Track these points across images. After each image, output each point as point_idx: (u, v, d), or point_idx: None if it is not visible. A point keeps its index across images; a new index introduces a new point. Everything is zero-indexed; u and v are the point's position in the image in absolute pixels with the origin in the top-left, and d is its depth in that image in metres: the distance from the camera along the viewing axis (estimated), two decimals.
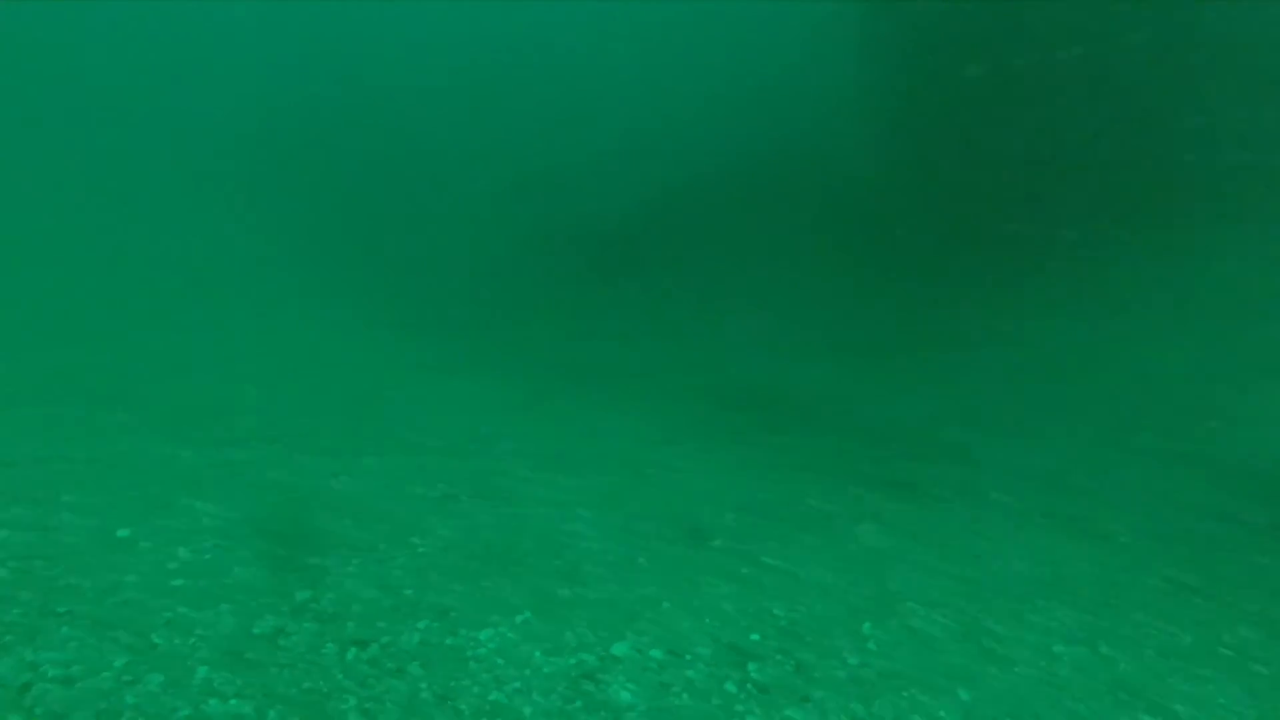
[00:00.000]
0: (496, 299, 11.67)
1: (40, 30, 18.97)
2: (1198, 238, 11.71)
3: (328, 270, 15.16)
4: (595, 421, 7.26)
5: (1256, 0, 11.42)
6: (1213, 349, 9.66)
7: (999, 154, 12.69)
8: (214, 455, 5.97)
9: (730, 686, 3.53)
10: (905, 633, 4.16)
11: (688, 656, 3.72)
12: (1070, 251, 11.87)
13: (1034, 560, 5.15)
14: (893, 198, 12.52)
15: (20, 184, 15.11)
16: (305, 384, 8.85)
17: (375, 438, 6.89)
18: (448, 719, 3.10)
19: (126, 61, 19.18)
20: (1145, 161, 12.28)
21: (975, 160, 12.80)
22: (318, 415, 7.60)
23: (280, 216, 17.16)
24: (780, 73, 16.24)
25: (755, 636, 3.98)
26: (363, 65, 20.76)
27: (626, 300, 10.73)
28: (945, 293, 10.44)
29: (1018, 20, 12.70)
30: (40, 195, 15.20)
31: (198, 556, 4.23)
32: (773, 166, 14.25)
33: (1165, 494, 6.63)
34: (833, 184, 13.56)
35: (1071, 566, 5.13)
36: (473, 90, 20.76)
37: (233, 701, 3.04)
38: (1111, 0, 12.10)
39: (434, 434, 7.08)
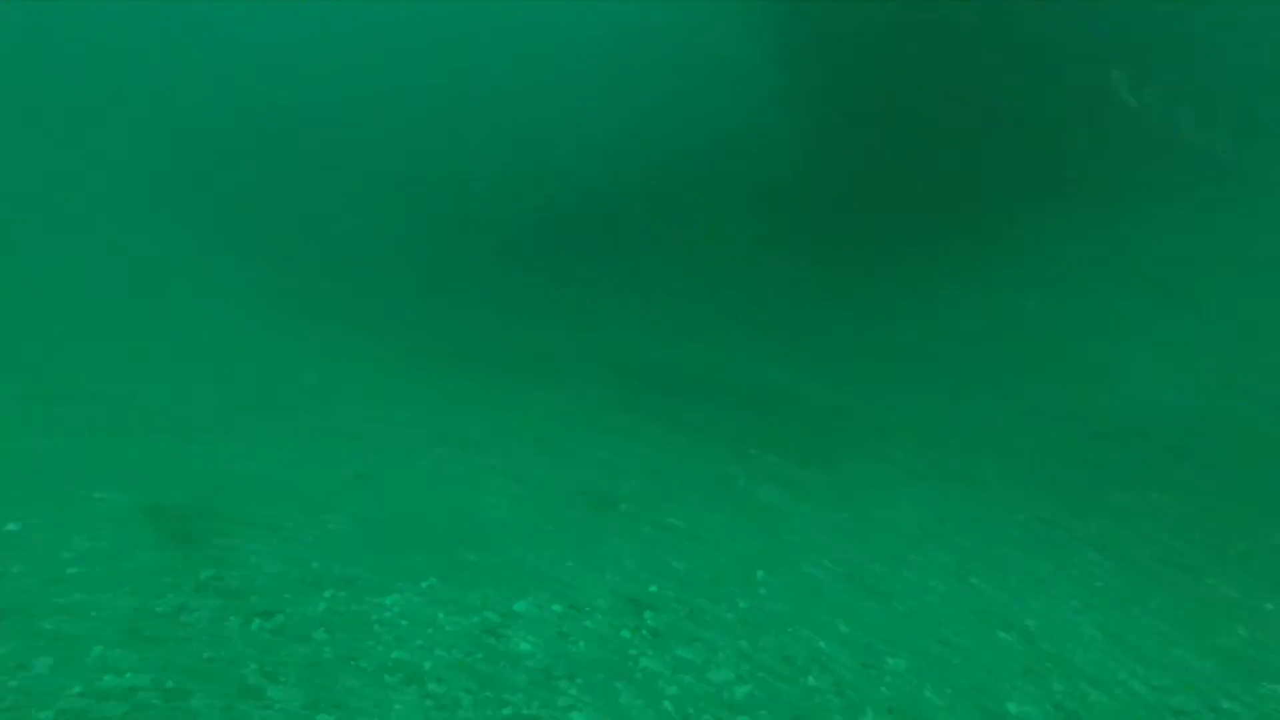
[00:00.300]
0: (410, 289, 11.63)
1: None
2: (1094, 213, 12.52)
3: (237, 263, 14.77)
4: (508, 401, 7.37)
5: None
6: (1090, 314, 10.37)
7: (913, 148, 13.29)
8: (115, 445, 5.87)
9: (625, 633, 3.73)
10: (794, 577, 4.45)
11: (587, 609, 3.92)
12: (976, 229, 12.50)
13: (918, 508, 5.53)
14: (804, 190, 13.00)
15: None
16: (213, 374, 8.69)
17: (286, 423, 6.86)
18: (349, 676, 3.21)
19: (38, 61, 18.24)
20: (1052, 151, 13.08)
21: (889, 154, 13.38)
22: (227, 404, 7.49)
23: (190, 210, 16.61)
24: (701, 73, 16.51)
25: (653, 588, 4.20)
26: (297, 63, 20.22)
27: (541, 289, 10.86)
28: (850, 277, 10.94)
29: (938, 18, 13.28)
30: None
31: (95, 544, 4.20)
32: (693, 162, 14.54)
33: (1036, 444, 7.15)
34: (752, 178, 13.93)
35: (950, 512, 5.53)
36: (400, 89, 20.42)
37: (128, 675, 3.09)
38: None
39: (346, 418, 7.08)
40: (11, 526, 4.36)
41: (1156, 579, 4.72)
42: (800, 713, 3.22)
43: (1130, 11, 13.02)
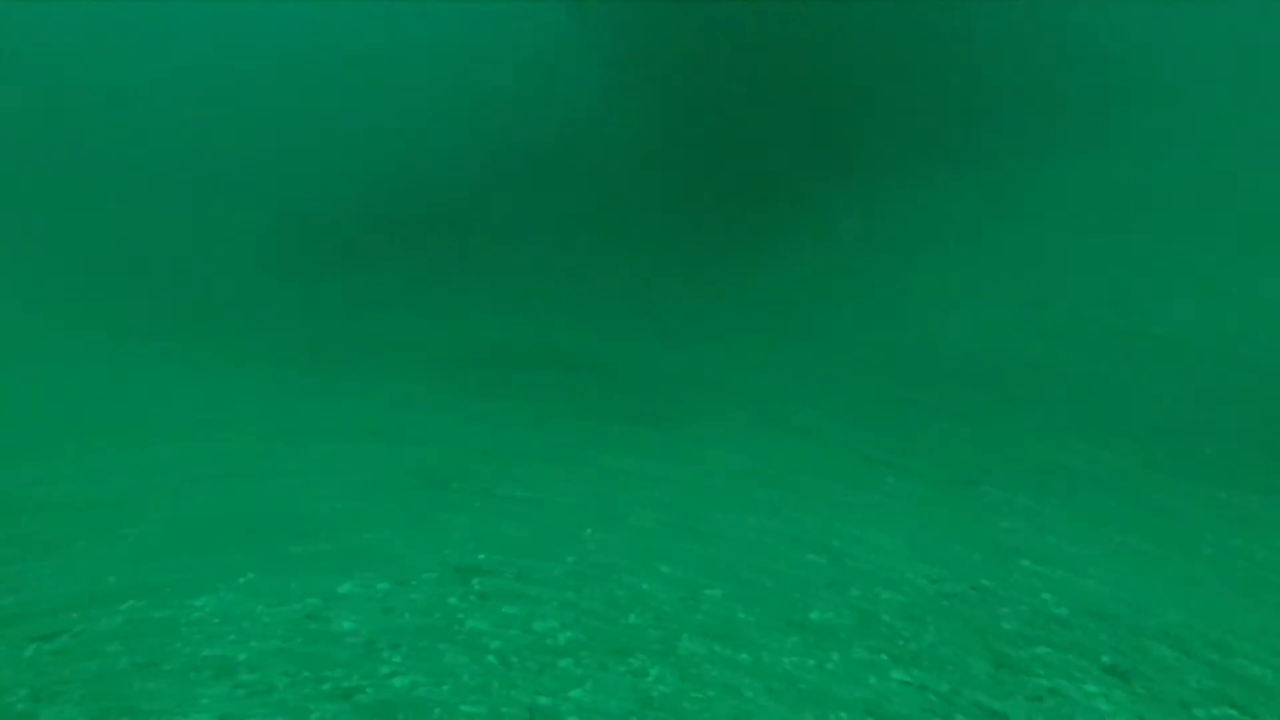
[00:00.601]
0: (237, 289, 11.04)
1: None
2: (896, 183, 13.51)
3: (44, 275, 13.51)
4: (340, 393, 7.18)
5: None
6: (902, 271, 11.23)
7: (729, 129, 13.92)
8: None
9: (453, 600, 3.77)
10: (625, 531, 4.61)
11: (413, 583, 3.91)
12: (795, 202, 13.24)
13: (746, 457, 5.85)
14: (628, 172, 13.40)
15: None
16: (15, 391, 7.95)
17: (98, 436, 6.39)
18: (148, 681, 3.08)
19: None
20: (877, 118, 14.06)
21: (706, 137, 13.95)
22: (29, 421, 6.90)
23: None
24: (523, 67, 16.50)
25: (482, 556, 4.24)
26: (106, 60, 18.48)
27: (371, 280, 10.60)
28: (680, 250, 11.34)
29: (744, 14, 13.98)
30: None
31: None
32: (521, 152, 14.55)
33: (858, 391, 7.71)
34: (577, 163, 14.11)
35: (775, 457, 5.88)
36: (210, 90, 19.13)
37: None
38: None
39: (165, 426, 6.68)
40: None
41: (947, 493, 5.23)
42: (620, 646, 3.38)
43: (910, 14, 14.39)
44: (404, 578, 3.98)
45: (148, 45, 19.61)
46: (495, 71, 15.95)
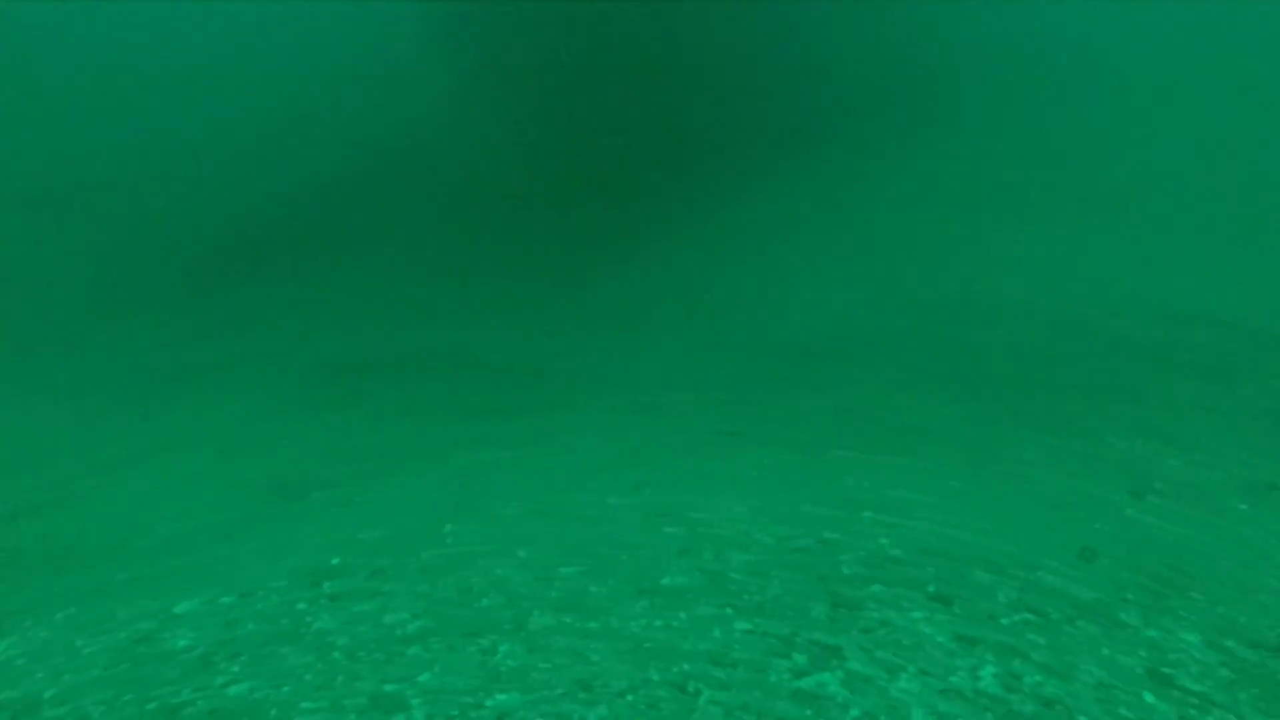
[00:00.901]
0: (67, 319, 10.26)
1: None
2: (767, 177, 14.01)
3: None
4: (186, 415, 6.81)
5: None
6: (773, 258, 11.65)
7: (595, 123, 14.07)
8: None
9: (301, 605, 3.67)
10: (484, 521, 4.60)
11: (259, 593, 3.79)
12: (656, 197, 13.51)
13: (605, 440, 5.93)
14: (497, 176, 13.36)
15: None
16: None
17: None
18: None
19: None
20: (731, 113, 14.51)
21: (566, 134, 14.05)
22: None
23: None
24: (373, 68, 16.10)
25: (336, 560, 4.15)
26: None
27: (218, 297, 10.10)
28: (544, 248, 11.39)
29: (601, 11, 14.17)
30: None
31: None
32: (371, 156, 14.20)
33: (723, 373, 7.95)
34: (432, 167, 13.91)
35: (636, 440, 5.99)
36: (46, 96, 17.62)
37: None
38: None
39: None
40: None
41: (800, 458, 5.48)
42: (471, 629, 3.38)
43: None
44: (250, 589, 3.84)
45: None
46: (341, 75, 15.51)
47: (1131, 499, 4.92)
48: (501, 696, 2.89)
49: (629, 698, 2.87)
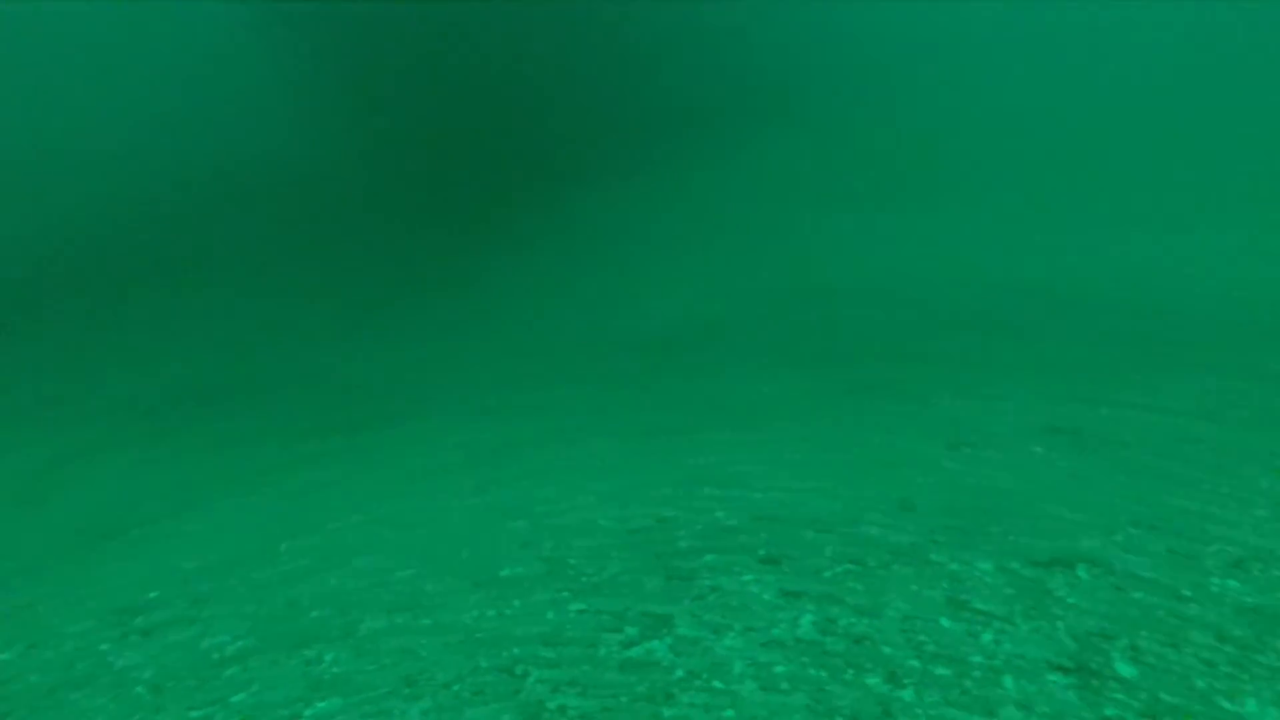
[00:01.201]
0: None
1: None
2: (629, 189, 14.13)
3: None
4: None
5: None
6: (619, 264, 11.85)
7: (446, 140, 13.79)
8: None
9: (104, 646, 3.42)
10: (322, 537, 4.43)
11: (57, 638, 3.50)
12: (508, 210, 13.43)
13: (448, 446, 5.85)
14: (324, 191, 12.89)
15: None
16: None
17: None
18: None
19: None
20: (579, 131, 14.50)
21: (414, 151, 13.71)
22: None
23: None
24: (207, 75, 15.18)
25: (154, 594, 3.89)
26: None
27: (39, 344, 9.27)
28: (400, 264, 11.12)
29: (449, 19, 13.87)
30: None
31: None
32: (216, 177, 13.41)
33: (571, 372, 8.00)
34: (282, 188, 13.30)
35: (488, 442, 5.94)
36: None
37: None
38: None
39: None
40: None
41: (642, 445, 5.59)
42: (298, 641, 3.25)
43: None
44: (50, 635, 3.54)
45: None
46: (166, 85, 14.57)
47: (947, 451, 5.30)
48: (322, 704, 2.79)
49: (454, 688, 2.84)
